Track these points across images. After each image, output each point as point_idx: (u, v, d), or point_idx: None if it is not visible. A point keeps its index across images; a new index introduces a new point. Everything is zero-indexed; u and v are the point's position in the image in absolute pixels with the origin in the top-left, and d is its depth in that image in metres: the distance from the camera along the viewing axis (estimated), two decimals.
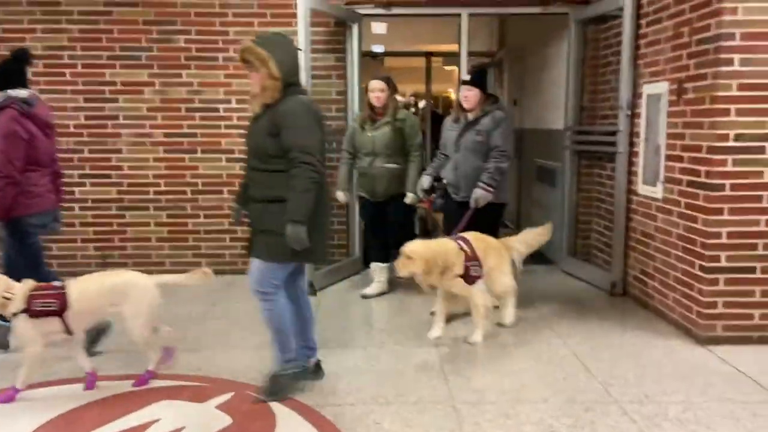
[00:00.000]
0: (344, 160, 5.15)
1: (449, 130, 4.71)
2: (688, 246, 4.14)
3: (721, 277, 3.94)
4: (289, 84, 3.08)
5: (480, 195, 4.41)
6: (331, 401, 3.25)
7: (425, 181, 4.81)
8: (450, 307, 4.19)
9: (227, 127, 5.72)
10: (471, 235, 4.18)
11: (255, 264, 3.15)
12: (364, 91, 5.21)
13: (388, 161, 4.96)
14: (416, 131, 5.02)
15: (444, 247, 3.95)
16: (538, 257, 6.54)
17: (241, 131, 5.69)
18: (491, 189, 4.41)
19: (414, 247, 3.84)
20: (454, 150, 4.62)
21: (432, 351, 3.94)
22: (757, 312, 3.97)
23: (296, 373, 3.30)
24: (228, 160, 5.74)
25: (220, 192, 5.80)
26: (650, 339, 4.13)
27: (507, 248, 4.38)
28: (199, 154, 5.76)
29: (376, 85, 4.92)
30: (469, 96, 4.51)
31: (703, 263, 3.96)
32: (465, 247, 4.03)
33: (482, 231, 4.29)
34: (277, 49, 3.05)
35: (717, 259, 3.93)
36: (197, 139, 5.73)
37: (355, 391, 3.36)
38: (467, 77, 4.65)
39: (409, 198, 4.97)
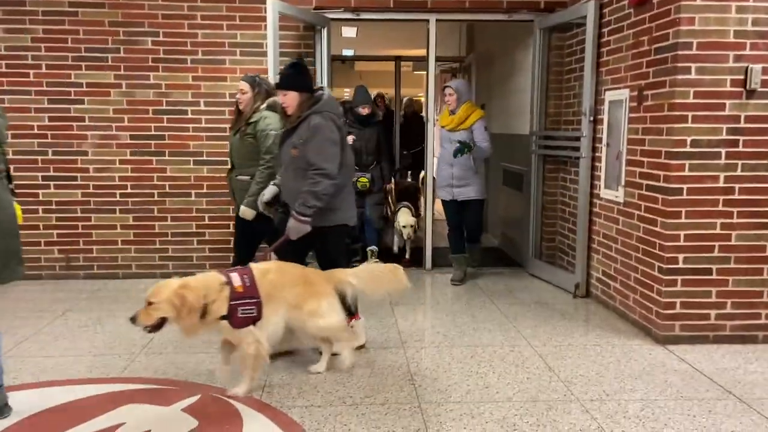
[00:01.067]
0: None
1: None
2: (648, 248, 4.26)
3: (679, 278, 4.07)
4: None
5: (291, 226, 3.66)
6: (299, 403, 3.26)
7: (267, 192, 3.97)
8: (232, 355, 3.43)
9: (195, 129, 5.69)
10: (262, 266, 3.47)
11: None
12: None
13: (240, 172, 4.43)
14: (266, 135, 4.22)
15: (200, 283, 3.18)
16: (504, 260, 6.69)
17: (210, 134, 5.69)
18: (304, 218, 3.63)
19: (155, 289, 3.11)
20: (280, 163, 3.98)
21: (399, 353, 3.98)
22: (713, 312, 4.10)
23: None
24: (196, 162, 5.71)
25: (188, 195, 5.76)
26: (612, 339, 4.23)
27: (332, 281, 3.59)
28: (166, 157, 5.72)
29: (239, 85, 4.42)
30: (286, 101, 3.76)
31: (662, 265, 4.08)
32: (238, 281, 3.27)
33: (324, 258, 3.77)
34: None
35: (675, 261, 4.05)
36: (165, 141, 5.69)
37: (322, 393, 3.39)
38: (277, 79, 3.90)
39: (240, 211, 4.30)
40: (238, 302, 3.21)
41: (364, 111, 6.00)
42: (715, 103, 3.93)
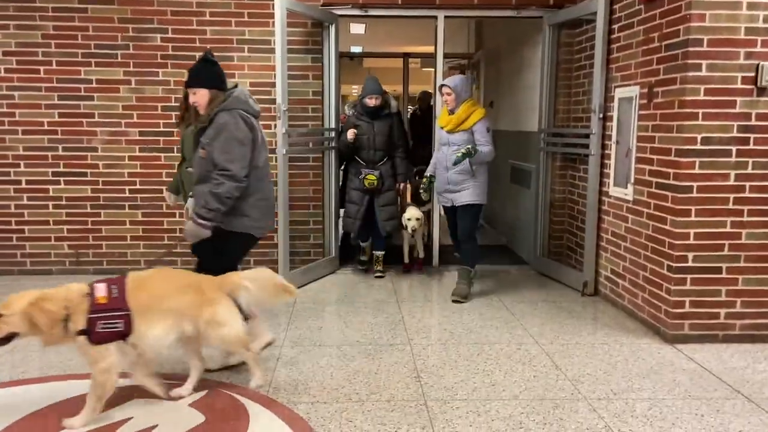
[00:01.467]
0: None
1: None
2: (657, 246, 4.23)
3: (689, 277, 4.04)
4: None
5: (188, 229, 3.44)
6: (305, 399, 3.27)
7: (190, 200, 3.76)
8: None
9: None
10: (142, 274, 3.15)
11: None
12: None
13: (191, 165, 4.19)
14: None
15: (61, 294, 2.92)
16: (512, 257, 6.66)
17: None
18: (203, 222, 3.39)
19: (8, 300, 2.85)
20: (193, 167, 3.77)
21: (405, 350, 3.98)
22: (722, 311, 4.07)
23: None
24: None
25: None
26: (620, 337, 4.21)
27: (225, 287, 3.20)
28: (175, 153, 5.73)
29: None
30: (196, 100, 3.54)
31: (671, 263, 4.06)
32: (102, 292, 2.96)
33: (205, 261, 3.47)
34: None
35: (684, 259, 4.02)
36: (173, 137, 5.71)
37: (328, 389, 3.39)
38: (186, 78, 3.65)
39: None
40: (98, 315, 2.89)
41: (371, 102, 5.57)
42: (725, 101, 3.89)
